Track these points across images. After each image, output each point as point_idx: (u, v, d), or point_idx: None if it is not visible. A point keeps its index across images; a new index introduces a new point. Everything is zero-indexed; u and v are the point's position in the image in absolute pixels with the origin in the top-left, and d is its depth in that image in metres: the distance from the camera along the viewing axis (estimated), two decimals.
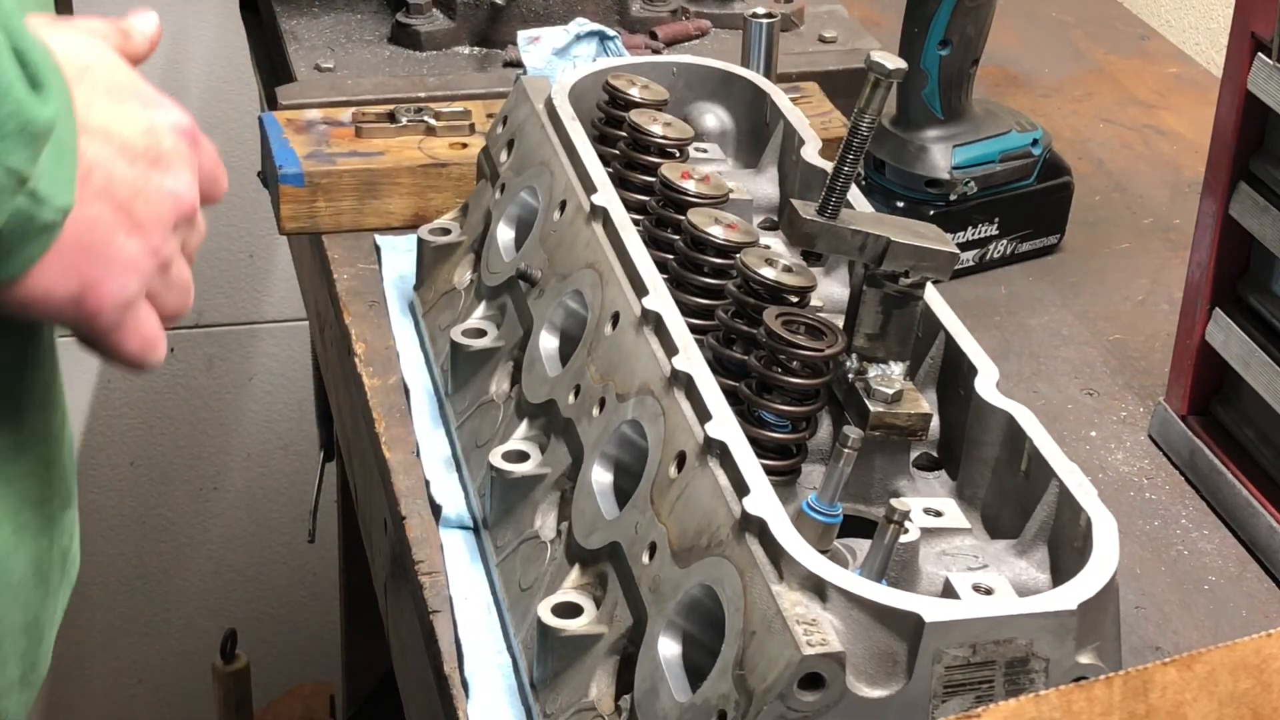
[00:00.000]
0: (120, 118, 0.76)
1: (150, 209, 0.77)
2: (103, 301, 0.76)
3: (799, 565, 0.77)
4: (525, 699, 0.92)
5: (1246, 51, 1.05)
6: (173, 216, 0.79)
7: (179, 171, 0.79)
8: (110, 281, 0.76)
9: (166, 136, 0.79)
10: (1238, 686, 0.72)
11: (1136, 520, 1.11)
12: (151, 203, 0.77)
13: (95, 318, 0.77)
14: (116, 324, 0.78)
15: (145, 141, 0.77)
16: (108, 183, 0.75)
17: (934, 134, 1.33)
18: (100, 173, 0.75)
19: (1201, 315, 1.12)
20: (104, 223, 0.75)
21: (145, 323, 0.80)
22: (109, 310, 0.77)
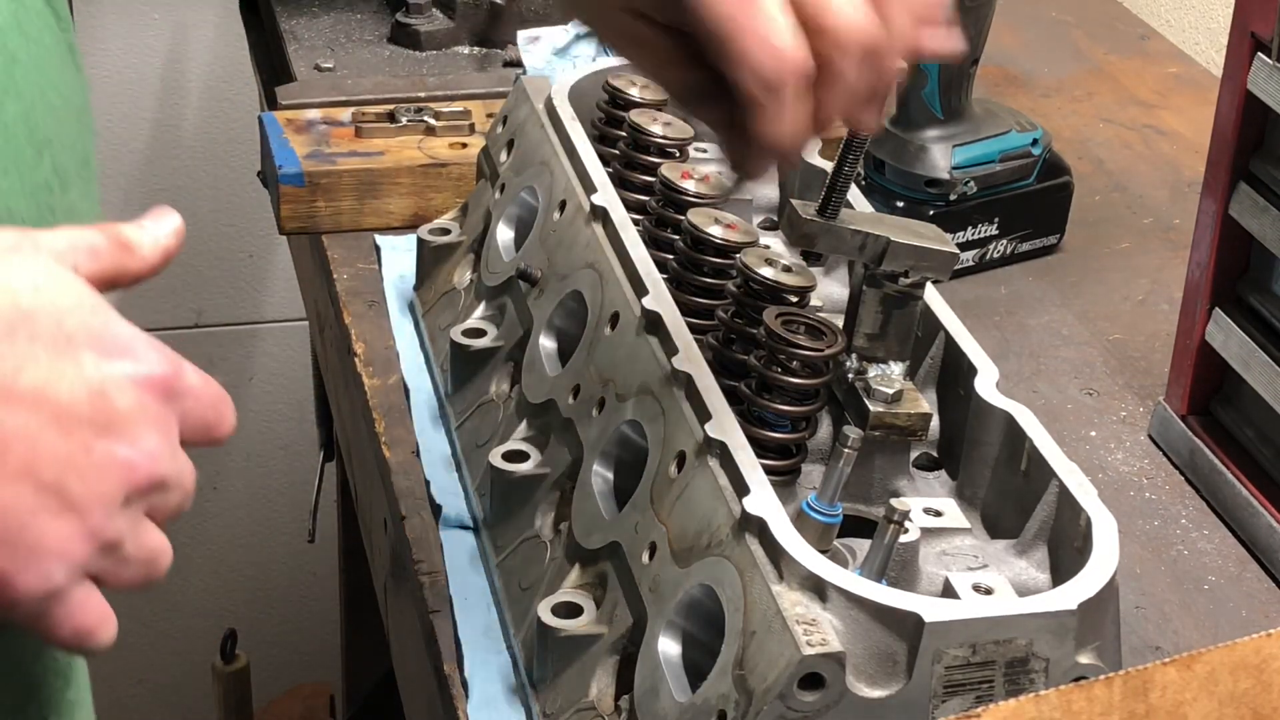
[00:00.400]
0: (60, 378, 0.65)
1: (88, 485, 0.66)
2: (17, 594, 0.65)
3: (799, 565, 0.77)
4: (525, 699, 0.92)
5: (1246, 51, 1.05)
6: (122, 489, 0.67)
7: (137, 435, 0.67)
8: (27, 573, 0.65)
9: (123, 395, 0.67)
10: (1238, 686, 0.72)
11: (1136, 520, 1.11)
12: (91, 477, 0.66)
13: (12, 609, 0.66)
14: (40, 613, 0.67)
15: (92, 405, 0.66)
16: (31, 459, 0.64)
17: (934, 134, 1.32)
18: (21, 447, 0.64)
19: (1201, 315, 1.12)
20: (21, 507, 0.64)
21: (80, 608, 0.68)
22: (26, 602, 0.66)
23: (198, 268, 2.42)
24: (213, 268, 2.46)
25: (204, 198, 2.35)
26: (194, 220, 0.81)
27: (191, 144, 2.35)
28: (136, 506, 0.68)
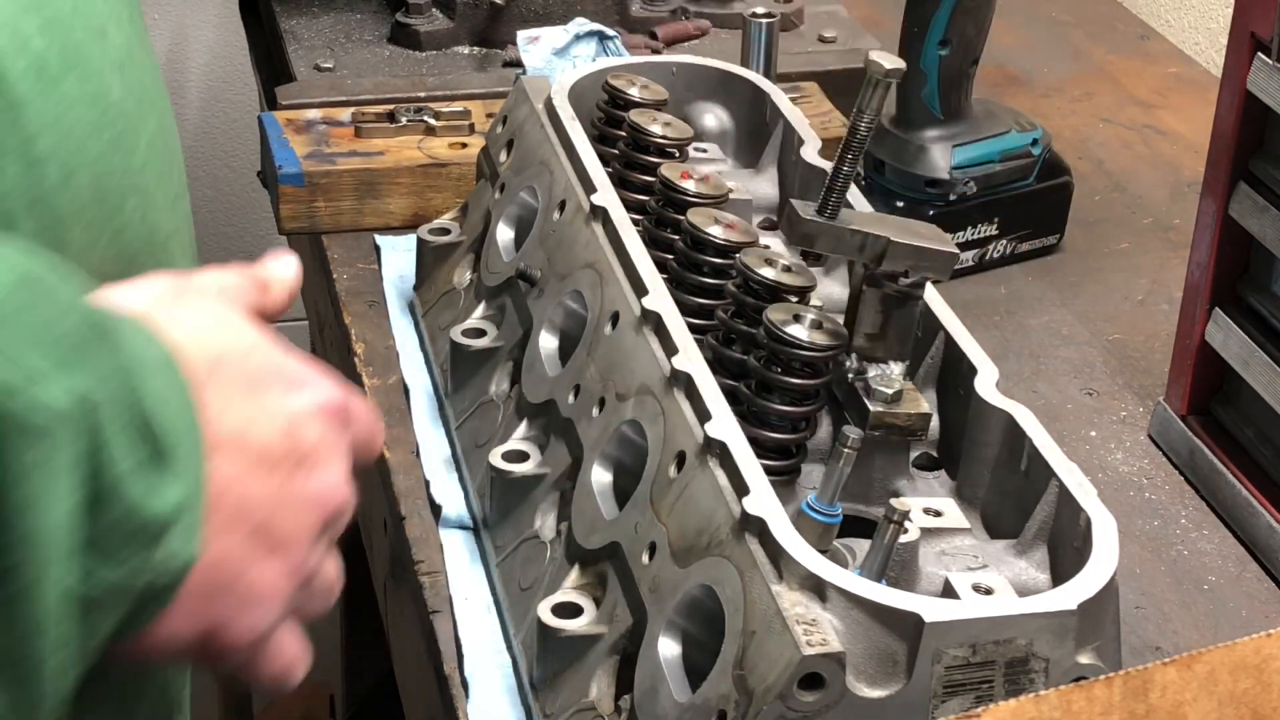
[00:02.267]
0: (257, 419, 0.64)
1: (291, 523, 0.65)
2: (233, 641, 0.65)
3: (799, 565, 0.77)
4: (525, 699, 0.92)
5: (1246, 51, 1.05)
6: (319, 523, 0.67)
7: (326, 467, 0.67)
8: (243, 619, 0.64)
9: (311, 428, 0.66)
10: (1238, 686, 0.72)
11: (1136, 520, 1.11)
12: (294, 515, 0.65)
13: (224, 657, 0.65)
14: (250, 659, 0.66)
15: (286, 445, 0.65)
16: (240, 507, 0.63)
17: (934, 134, 1.33)
18: (232, 497, 0.63)
19: (1201, 315, 1.12)
20: (236, 556, 0.63)
21: (284, 648, 0.68)
22: (240, 649, 0.65)
23: None
24: None
25: (204, 198, 2.35)
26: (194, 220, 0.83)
27: (191, 144, 2.35)
28: (327, 536, 0.68)
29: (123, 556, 0.57)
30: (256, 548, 0.64)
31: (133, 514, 0.57)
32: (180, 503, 0.59)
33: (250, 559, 0.64)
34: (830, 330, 0.91)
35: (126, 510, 0.57)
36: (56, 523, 0.55)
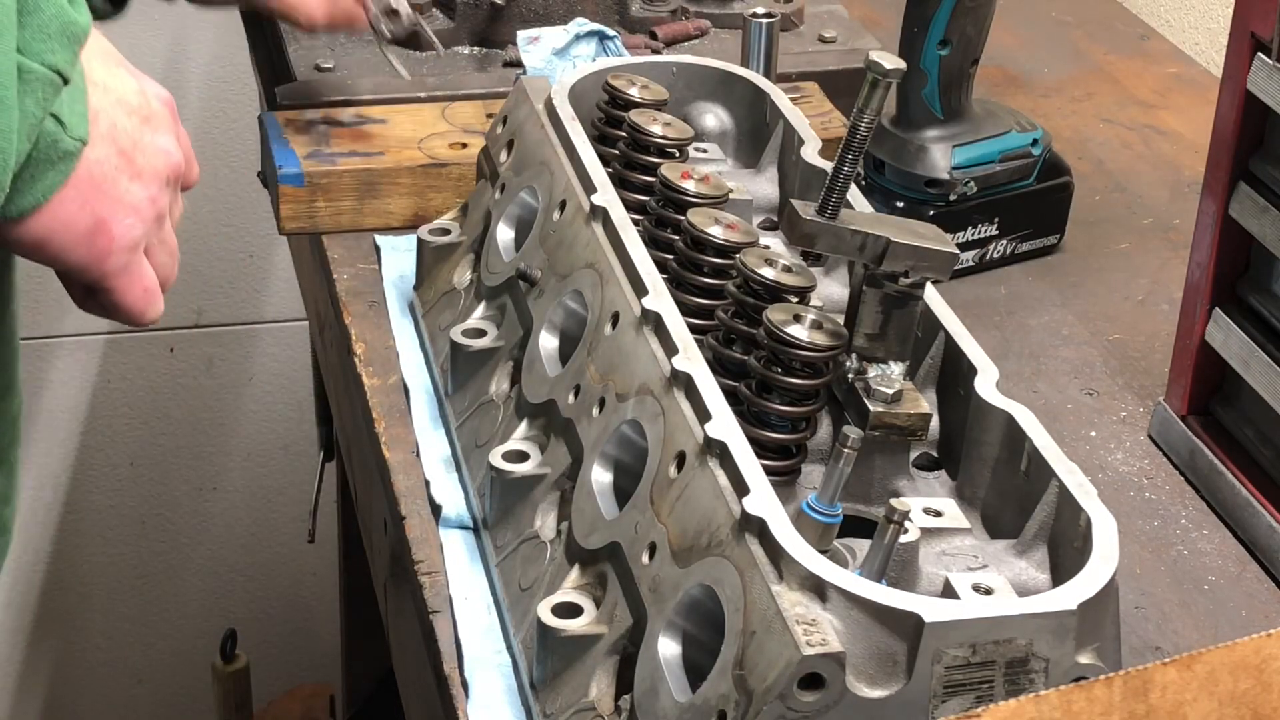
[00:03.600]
0: (115, 77, 0.83)
1: (147, 160, 0.84)
2: (113, 240, 0.82)
3: (799, 565, 0.77)
4: (525, 699, 0.92)
5: (1246, 51, 1.05)
6: (166, 170, 0.85)
7: (167, 132, 0.86)
8: (119, 220, 0.82)
9: (154, 100, 0.86)
10: (1238, 686, 0.72)
11: (1136, 520, 1.11)
12: (148, 154, 0.84)
13: (106, 257, 0.82)
14: (123, 267, 0.83)
15: (138, 100, 0.84)
16: (111, 129, 0.82)
17: (934, 134, 1.33)
18: (105, 119, 0.81)
19: (1201, 315, 1.12)
20: (111, 164, 0.81)
21: (146, 273, 0.85)
22: (118, 250, 0.82)
23: (198, 268, 2.42)
24: (213, 268, 2.46)
25: (204, 198, 2.35)
26: (194, 220, 0.88)
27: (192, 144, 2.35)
28: (169, 191, 0.87)
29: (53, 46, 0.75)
30: (125, 166, 0.83)
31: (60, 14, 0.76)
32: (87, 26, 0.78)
33: (120, 171, 0.83)
34: (830, 330, 0.91)
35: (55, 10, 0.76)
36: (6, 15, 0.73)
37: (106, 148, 0.82)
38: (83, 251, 0.82)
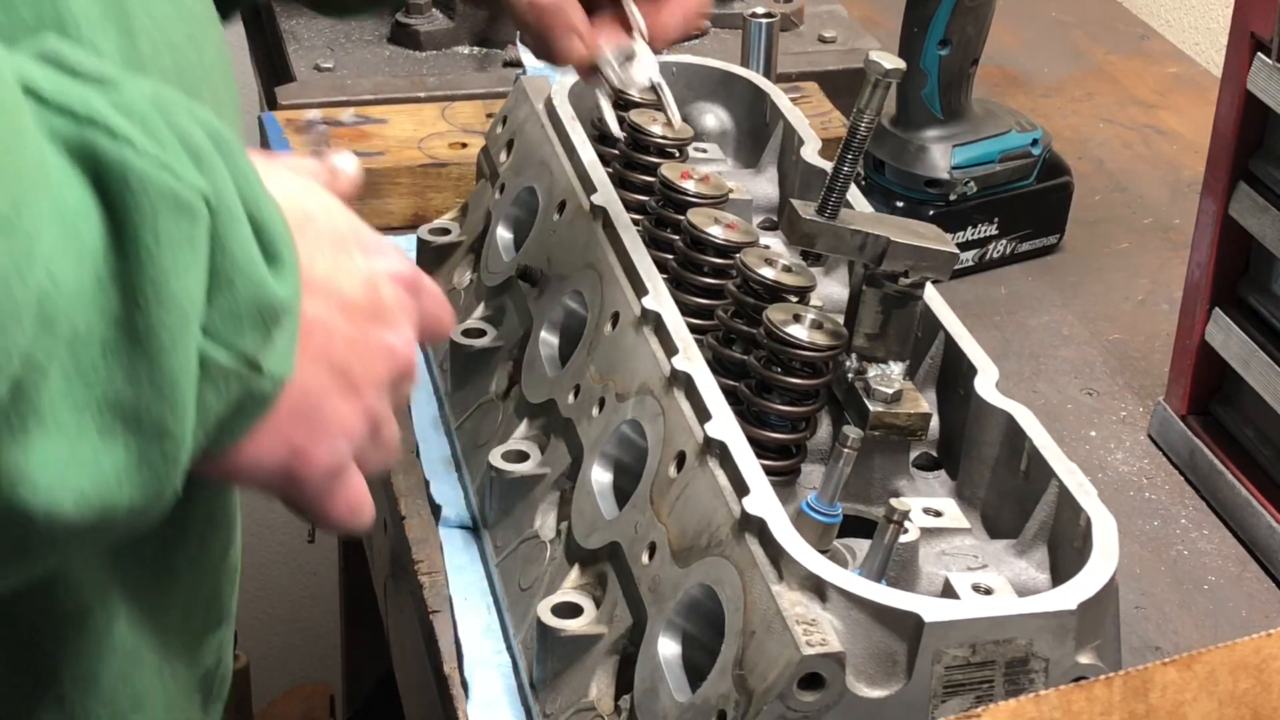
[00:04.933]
0: (341, 270, 0.70)
1: (366, 368, 0.71)
2: (312, 470, 0.70)
3: (799, 565, 0.77)
4: (525, 699, 0.92)
5: (1246, 51, 1.05)
6: (389, 374, 0.73)
7: (398, 325, 0.73)
8: (321, 448, 0.70)
9: (386, 287, 0.72)
10: (1238, 686, 0.72)
11: (1136, 520, 1.11)
12: (368, 361, 0.71)
13: (303, 486, 0.71)
14: (325, 491, 0.72)
15: (366, 295, 0.71)
16: (326, 344, 0.69)
17: (934, 134, 1.33)
18: (320, 334, 0.69)
19: (1201, 315, 1.12)
20: (320, 387, 0.69)
21: (353, 487, 0.74)
22: (318, 479, 0.71)
23: None
24: None
25: None
26: None
27: None
28: (393, 391, 0.74)
29: (243, 331, 0.63)
30: (337, 384, 0.70)
31: (257, 294, 0.63)
32: (289, 298, 0.64)
33: (331, 391, 0.70)
34: (830, 330, 0.91)
35: (252, 289, 0.63)
36: (193, 292, 0.61)
37: (316, 371, 0.69)
38: (277, 484, 0.71)
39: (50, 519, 0.58)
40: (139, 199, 0.59)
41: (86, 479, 0.60)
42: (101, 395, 0.59)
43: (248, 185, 0.64)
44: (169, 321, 0.60)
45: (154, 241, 0.59)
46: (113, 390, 0.60)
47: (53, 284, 0.57)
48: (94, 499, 0.60)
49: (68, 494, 0.59)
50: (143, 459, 0.61)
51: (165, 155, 0.60)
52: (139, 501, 0.62)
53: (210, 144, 0.62)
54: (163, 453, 0.61)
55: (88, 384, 0.59)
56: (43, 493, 0.58)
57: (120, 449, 0.60)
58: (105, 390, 0.59)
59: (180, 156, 0.61)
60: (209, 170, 0.61)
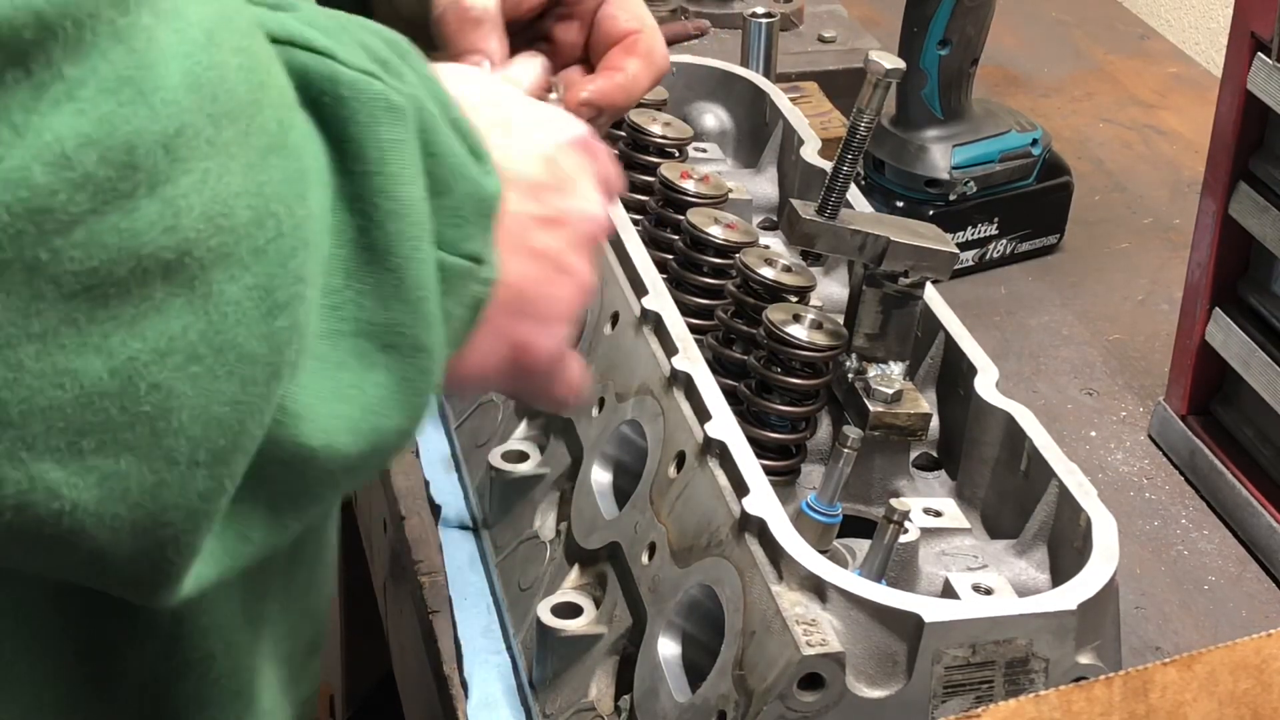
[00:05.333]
0: (521, 154, 0.69)
1: (567, 243, 0.70)
2: (537, 360, 0.69)
3: (799, 565, 0.77)
4: (525, 699, 0.92)
5: (1246, 51, 1.05)
6: (587, 241, 0.71)
7: (585, 190, 0.72)
8: (541, 338, 0.69)
9: (565, 157, 0.71)
10: (1238, 686, 0.72)
11: (1136, 520, 1.11)
12: (566, 235, 0.70)
13: (529, 378, 0.70)
14: (549, 376, 0.71)
15: (549, 172, 0.70)
16: (523, 233, 0.68)
17: (934, 134, 1.32)
18: (516, 224, 0.67)
19: (1201, 315, 1.12)
20: (527, 277, 0.68)
21: (572, 367, 0.73)
22: (543, 368, 0.70)
23: None
24: None
25: None
26: None
27: None
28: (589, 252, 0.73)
29: (468, 231, 0.62)
30: (542, 269, 0.69)
31: (473, 190, 0.62)
32: (498, 191, 0.64)
33: (539, 280, 0.69)
34: (830, 330, 0.91)
35: (468, 187, 0.62)
36: (419, 199, 0.60)
37: (521, 262, 0.67)
38: (504, 382, 0.70)
39: (330, 453, 0.57)
40: (354, 109, 0.58)
41: (356, 408, 0.58)
42: (353, 321, 0.58)
43: (437, 88, 0.63)
44: (406, 231, 0.59)
45: (377, 151, 0.58)
46: (363, 314, 0.59)
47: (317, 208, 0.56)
48: (365, 428, 0.59)
49: (341, 425, 0.58)
50: (404, 380, 0.60)
51: (366, 64, 0.59)
52: (405, 424, 0.61)
53: (393, 52, 0.61)
54: (420, 369, 0.61)
55: (338, 313, 0.58)
56: (320, 428, 0.57)
57: (381, 373, 0.59)
58: (355, 315, 0.58)
59: (374, 66, 0.59)
60: (400, 77, 0.60)
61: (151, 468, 0.51)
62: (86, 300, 0.48)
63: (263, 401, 0.54)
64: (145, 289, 0.49)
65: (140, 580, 0.54)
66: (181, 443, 0.52)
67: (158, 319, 0.50)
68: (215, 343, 0.51)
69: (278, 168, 0.53)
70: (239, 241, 0.51)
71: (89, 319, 0.49)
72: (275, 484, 0.57)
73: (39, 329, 0.48)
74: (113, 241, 0.48)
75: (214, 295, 0.51)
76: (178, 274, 0.50)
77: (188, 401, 0.51)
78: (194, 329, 0.51)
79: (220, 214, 0.51)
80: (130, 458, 0.51)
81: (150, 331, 0.50)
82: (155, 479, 0.52)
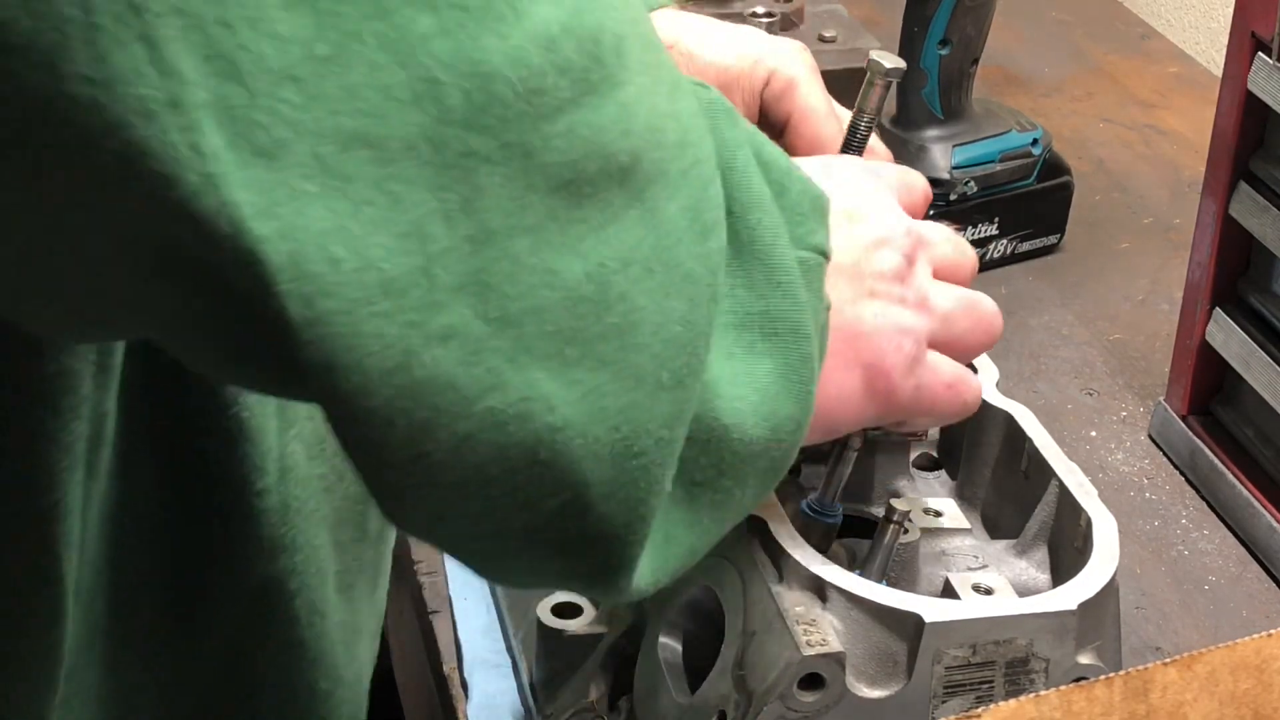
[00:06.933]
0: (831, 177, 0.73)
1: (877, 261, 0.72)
2: (892, 378, 0.72)
3: (799, 565, 0.77)
4: (525, 699, 0.92)
5: (1246, 51, 1.05)
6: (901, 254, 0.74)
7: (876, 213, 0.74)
8: (889, 355, 0.72)
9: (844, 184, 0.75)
10: (1238, 687, 0.72)
11: (1136, 520, 1.11)
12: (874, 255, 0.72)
13: (893, 397, 0.72)
14: (914, 391, 0.73)
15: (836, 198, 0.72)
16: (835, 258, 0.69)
17: (934, 134, 1.32)
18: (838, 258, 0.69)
19: (1201, 315, 1.12)
20: (849, 303, 0.70)
21: (941, 370, 0.75)
22: (903, 383, 0.72)
23: None
24: None
25: None
26: None
27: None
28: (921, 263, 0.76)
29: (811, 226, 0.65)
30: (862, 290, 0.71)
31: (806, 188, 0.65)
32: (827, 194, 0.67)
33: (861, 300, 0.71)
34: None
35: (801, 185, 0.65)
36: (765, 190, 0.63)
37: (834, 289, 0.68)
38: (871, 411, 0.72)
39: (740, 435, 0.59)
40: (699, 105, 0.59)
41: (753, 392, 0.60)
42: (733, 313, 0.60)
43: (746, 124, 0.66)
44: (766, 220, 0.62)
45: (727, 150, 0.61)
46: (740, 305, 0.61)
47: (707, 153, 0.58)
48: (765, 411, 0.61)
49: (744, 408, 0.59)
50: (788, 365, 0.62)
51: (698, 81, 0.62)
52: (797, 411, 0.63)
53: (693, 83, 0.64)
54: (801, 355, 0.62)
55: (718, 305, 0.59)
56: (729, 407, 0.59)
57: (767, 360, 0.61)
58: (734, 307, 0.60)
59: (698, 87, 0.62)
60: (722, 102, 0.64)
61: (624, 385, 0.51)
62: (565, 197, 0.49)
63: (706, 324, 0.55)
64: (608, 194, 0.50)
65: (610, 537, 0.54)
66: (646, 360, 0.52)
67: (618, 228, 0.51)
68: (664, 258, 0.52)
69: (686, 103, 0.55)
70: (670, 160, 0.53)
71: (568, 218, 0.49)
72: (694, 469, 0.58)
73: (531, 222, 0.48)
74: (586, 134, 0.49)
75: (659, 210, 0.52)
76: (630, 181, 0.51)
77: (648, 316, 0.52)
78: (647, 242, 0.52)
79: (657, 129, 0.52)
80: (607, 373, 0.51)
81: (614, 239, 0.50)
82: (628, 398, 0.52)
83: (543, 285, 0.48)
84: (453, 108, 0.45)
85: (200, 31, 0.41)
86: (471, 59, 0.45)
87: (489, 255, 0.47)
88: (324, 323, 0.44)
